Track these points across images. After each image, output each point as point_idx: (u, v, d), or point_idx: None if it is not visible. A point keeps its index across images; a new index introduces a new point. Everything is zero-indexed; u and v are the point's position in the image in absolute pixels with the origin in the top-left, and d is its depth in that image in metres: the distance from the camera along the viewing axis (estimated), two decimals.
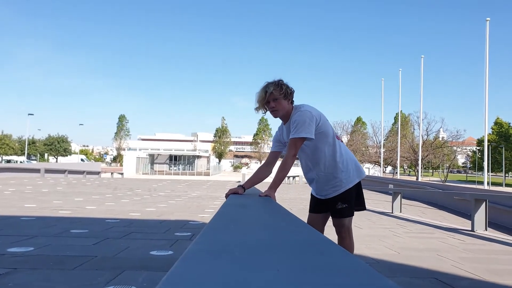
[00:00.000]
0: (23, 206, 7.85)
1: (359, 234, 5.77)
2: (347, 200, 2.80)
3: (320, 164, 2.77)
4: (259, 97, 2.67)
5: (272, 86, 2.63)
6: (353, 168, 2.84)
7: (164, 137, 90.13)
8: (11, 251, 3.76)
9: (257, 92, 2.69)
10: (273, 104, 2.65)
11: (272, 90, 2.62)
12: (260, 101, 2.67)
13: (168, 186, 17.20)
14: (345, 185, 2.78)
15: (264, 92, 2.63)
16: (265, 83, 2.69)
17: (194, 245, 0.86)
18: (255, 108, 2.73)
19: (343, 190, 2.78)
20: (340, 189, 2.78)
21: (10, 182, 15.95)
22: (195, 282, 0.60)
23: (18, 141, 78.10)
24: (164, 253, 3.88)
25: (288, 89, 2.68)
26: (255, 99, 2.70)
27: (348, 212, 2.82)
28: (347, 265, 0.76)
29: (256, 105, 2.71)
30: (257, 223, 1.53)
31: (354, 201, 2.86)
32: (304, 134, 2.59)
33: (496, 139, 67.59)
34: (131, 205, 8.71)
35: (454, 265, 3.82)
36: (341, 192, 2.78)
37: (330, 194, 2.82)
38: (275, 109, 2.67)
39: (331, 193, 2.82)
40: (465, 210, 11.25)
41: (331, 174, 2.77)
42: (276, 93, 2.62)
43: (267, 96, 2.63)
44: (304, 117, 2.62)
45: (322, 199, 2.90)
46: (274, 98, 2.63)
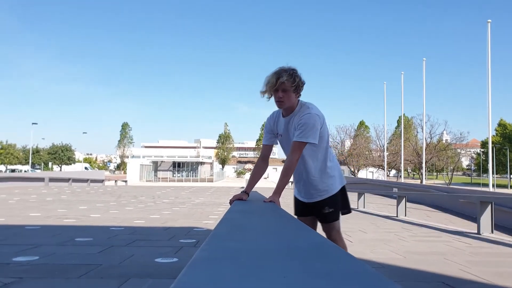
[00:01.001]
0: (27, 215, 7.87)
1: (364, 239, 5.74)
2: (333, 204, 2.81)
3: (313, 168, 2.73)
4: (269, 82, 2.51)
5: (285, 75, 2.47)
6: (339, 174, 2.87)
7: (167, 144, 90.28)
8: (17, 260, 3.76)
9: (267, 76, 2.54)
10: (281, 94, 2.51)
11: (284, 79, 2.47)
12: (269, 87, 2.52)
13: (172, 193, 17.20)
14: (332, 190, 2.80)
15: (276, 79, 2.47)
16: (278, 68, 2.53)
17: (200, 252, 0.86)
18: (261, 92, 2.58)
19: (330, 195, 2.79)
20: (327, 194, 2.78)
21: (15, 191, 16.00)
22: None
23: (22, 151, 78.46)
24: (169, 260, 3.87)
25: (300, 82, 2.55)
26: (264, 81, 2.55)
27: (336, 216, 2.84)
28: (354, 270, 0.76)
29: (263, 88, 2.56)
30: (263, 229, 1.52)
31: (340, 204, 2.87)
32: (311, 140, 2.55)
33: (500, 140, 67.29)
34: (135, 213, 8.71)
35: (461, 268, 3.79)
36: (327, 196, 2.79)
37: (316, 198, 2.81)
38: (282, 101, 2.53)
39: (317, 197, 2.80)
40: (471, 213, 11.18)
41: (321, 178, 2.76)
42: (287, 84, 2.48)
43: (277, 84, 2.48)
44: (314, 122, 2.55)
45: (307, 203, 2.87)
46: (284, 89, 2.49)
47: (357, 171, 57.04)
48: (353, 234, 6.17)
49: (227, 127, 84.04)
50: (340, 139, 59.80)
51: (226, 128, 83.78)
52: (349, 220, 8.29)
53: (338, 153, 60.04)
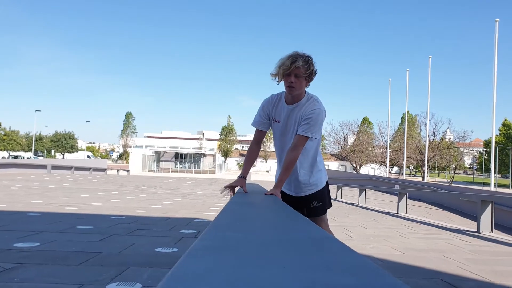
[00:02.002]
0: (29, 202, 7.91)
1: (364, 234, 5.75)
2: (321, 198, 2.83)
3: (305, 162, 2.71)
4: (282, 65, 2.41)
5: (301, 61, 2.39)
6: (324, 168, 2.90)
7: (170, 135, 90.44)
8: (18, 246, 3.79)
9: (282, 58, 2.44)
10: (293, 79, 2.41)
11: (300, 64, 2.38)
12: (282, 70, 2.41)
13: (173, 183, 17.25)
14: (320, 184, 2.82)
15: (291, 63, 2.38)
16: (294, 52, 2.45)
17: (199, 242, 0.86)
18: (272, 74, 2.50)
19: (318, 189, 2.81)
20: (316, 188, 2.80)
21: (17, 177, 16.07)
22: (200, 278, 0.60)
23: (25, 137, 78.66)
24: (169, 250, 3.89)
25: (314, 70, 2.48)
26: (277, 64, 2.45)
27: (323, 211, 2.86)
28: (353, 263, 0.76)
29: (275, 71, 2.47)
30: (263, 221, 1.52)
31: (326, 199, 2.89)
32: (316, 136, 2.55)
33: (504, 140, 67.06)
34: (137, 202, 8.74)
35: (460, 266, 3.79)
36: (316, 191, 2.80)
37: (305, 192, 2.80)
38: (293, 86, 2.44)
39: (306, 191, 2.79)
40: (471, 212, 11.17)
41: (311, 172, 2.76)
42: (302, 70, 2.40)
43: (291, 68, 2.38)
44: (321, 118, 2.54)
45: (295, 197, 2.84)
46: (297, 75, 2.41)
47: (359, 167, 56.98)
48: (353, 229, 6.18)
49: (231, 120, 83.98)
50: (343, 134, 59.71)
51: (229, 121, 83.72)
52: (350, 216, 8.30)
53: (341, 148, 59.99)
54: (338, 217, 7.82)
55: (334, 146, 62.02)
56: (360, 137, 57.69)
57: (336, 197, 13.55)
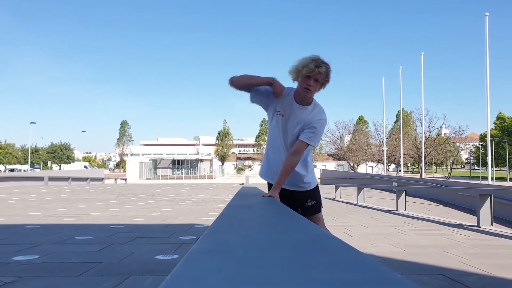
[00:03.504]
0: (27, 215, 7.86)
1: (364, 233, 5.74)
2: (315, 197, 2.91)
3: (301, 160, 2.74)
4: (306, 67, 2.43)
5: (324, 67, 2.44)
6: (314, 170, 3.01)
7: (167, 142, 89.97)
8: (17, 259, 3.76)
9: (304, 59, 2.47)
10: (312, 83, 2.46)
11: (323, 71, 2.43)
12: (306, 71, 2.43)
13: (171, 190, 17.20)
14: (314, 183, 2.92)
15: (314, 67, 2.41)
16: (316, 56, 2.48)
17: (198, 245, 0.85)
18: (290, 72, 2.53)
19: (311, 187, 2.89)
20: (309, 186, 2.88)
21: (14, 190, 15.98)
22: (200, 281, 0.59)
23: (21, 150, 78.40)
24: (170, 257, 3.87)
25: (329, 79, 2.53)
26: (298, 64, 2.47)
27: (318, 209, 2.93)
28: (354, 261, 0.75)
29: (294, 69, 2.50)
30: (262, 223, 1.52)
31: (319, 198, 2.96)
32: (316, 144, 2.66)
33: (499, 134, 67.38)
34: (135, 211, 8.70)
35: (461, 261, 3.79)
36: (309, 189, 2.88)
37: (299, 188, 2.85)
38: (310, 90, 2.48)
39: (301, 188, 2.85)
40: (470, 206, 11.20)
41: (305, 170, 2.82)
42: (323, 76, 2.46)
43: (314, 72, 2.42)
44: (324, 127, 2.65)
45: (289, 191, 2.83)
46: (316, 79, 2.46)
47: (357, 166, 57.10)
48: (353, 228, 6.18)
49: (226, 124, 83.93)
50: (339, 134, 59.84)
51: (225, 125, 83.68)
52: (349, 215, 8.30)
53: (337, 148, 60.11)
54: (337, 217, 7.82)
55: (331, 146, 62.18)
56: (356, 136, 57.85)
57: (335, 197, 13.55)
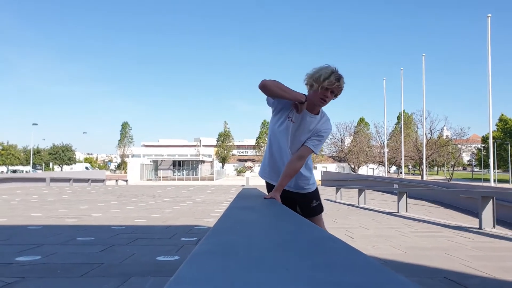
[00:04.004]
0: (29, 215, 7.87)
1: (365, 235, 5.73)
2: (318, 197, 2.97)
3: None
4: (327, 79, 2.42)
5: (343, 82, 2.48)
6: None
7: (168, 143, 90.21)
8: (19, 260, 3.76)
9: (324, 69, 2.46)
10: (329, 96, 2.48)
11: (342, 86, 2.49)
12: (327, 84, 2.43)
13: (172, 191, 17.21)
14: (315, 185, 2.98)
15: (335, 80, 2.43)
16: (336, 69, 2.47)
17: (200, 247, 0.85)
18: (309, 81, 2.51)
19: (315, 188, 2.96)
20: (313, 187, 2.93)
21: (16, 191, 16.01)
22: (202, 283, 0.59)
23: (23, 151, 78.55)
24: (171, 259, 3.87)
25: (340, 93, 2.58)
26: (318, 75, 2.44)
27: (321, 209, 2.99)
28: (358, 262, 0.75)
29: (316, 78, 2.45)
30: (263, 225, 1.52)
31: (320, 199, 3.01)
32: (318, 151, 2.70)
33: (501, 136, 67.29)
34: (136, 212, 8.71)
35: (463, 263, 3.78)
36: (314, 190, 2.94)
37: (304, 190, 2.88)
38: (326, 102, 2.51)
39: (305, 189, 2.88)
40: (472, 208, 11.17)
41: (307, 171, 2.85)
42: (340, 90, 2.51)
43: (334, 86, 2.44)
44: (327, 135, 2.72)
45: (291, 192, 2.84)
46: (333, 92, 2.49)
47: (358, 167, 57.05)
48: (354, 230, 6.17)
49: (227, 125, 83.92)
50: (340, 136, 59.82)
51: (225, 127, 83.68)
52: (350, 217, 8.29)
53: (338, 150, 60.07)
54: (338, 219, 7.81)
55: (332, 148, 62.12)
56: (357, 138, 57.81)
57: (336, 199, 13.54)
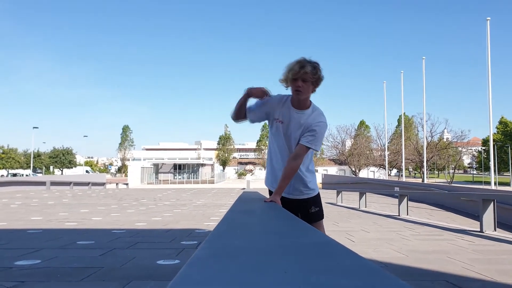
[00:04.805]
0: (29, 219, 7.86)
1: (366, 238, 5.72)
2: (318, 203, 2.84)
3: (303, 166, 2.70)
4: (291, 70, 2.47)
5: (309, 66, 2.46)
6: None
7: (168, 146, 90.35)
8: (18, 264, 3.76)
9: (290, 64, 2.50)
10: (300, 84, 2.47)
11: (308, 70, 2.44)
12: (292, 74, 2.47)
13: (173, 195, 17.19)
14: (316, 189, 2.85)
15: (299, 68, 2.45)
16: (301, 57, 2.51)
17: (200, 250, 0.85)
18: (281, 80, 2.56)
19: (315, 194, 2.82)
20: (313, 193, 2.81)
21: (16, 195, 16.00)
22: (203, 286, 0.59)
23: (24, 155, 78.58)
24: (171, 262, 3.86)
25: (321, 76, 2.53)
26: (285, 69, 2.51)
27: (321, 216, 2.86)
28: (356, 266, 0.75)
29: (283, 76, 2.53)
30: (264, 228, 1.51)
31: (321, 205, 2.89)
32: (318, 148, 2.60)
33: (502, 138, 67.25)
34: (137, 215, 8.70)
35: (464, 266, 3.77)
36: (314, 195, 2.81)
37: (303, 196, 2.79)
38: (300, 90, 2.49)
39: (305, 195, 2.79)
40: (473, 211, 11.15)
41: (309, 176, 2.77)
42: (309, 75, 2.45)
43: (300, 73, 2.45)
44: (324, 131, 2.61)
45: (290, 199, 2.79)
46: (305, 79, 2.46)
47: (358, 170, 57.01)
48: (355, 233, 6.16)
49: (228, 129, 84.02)
50: (340, 139, 59.83)
51: (226, 130, 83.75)
52: (351, 220, 8.28)
53: (339, 153, 60.05)
54: (339, 222, 7.80)
55: (332, 151, 62.13)
56: (358, 141, 57.77)
57: (337, 202, 13.52)
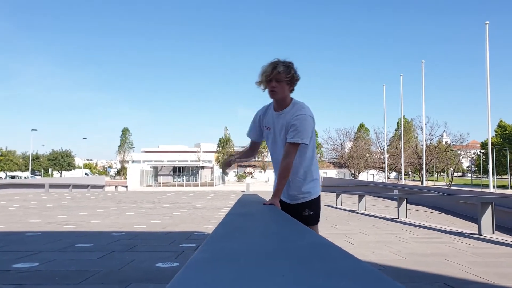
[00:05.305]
0: (28, 222, 7.85)
1: (365, 241, 5.72)
2: (314, 207, 2.79)
3: (300, 169, 2.69)
4: (264, 72, 2.54)
5: (282, 66, 2.51)
6: (319, 179, 2.86)
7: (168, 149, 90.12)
8: (17, 267, 3.75)
9: (264, 65, 2.56)
10: (274, 84, 2.52)
11: (280, 70, 2.49)
12: (264, 77, 2.53)
13: (172, 197, 17.17)
14: (314, 194, 2.78)
15: (272, 69, 2.50)
16: (275, 59, 2.57)
17: (198, 254, 0.85)
18: (257, 82, 2.61)
19: (312, 198, 2.77)
20: (309, 197, 2.76)
21: (15, 198, 15.97)
22: None
23: (22, 157, 78.51)
24: (170, 265, 3.86)
25: (295, 75, 2.57)
26: (260, 71, 2.57)
27: (315, 220, 2.81)
28: (354, 269, 0.75)
29: (258, 78, 2.59)
30: (262, 231, 1.51)
31: (319, 210, 2.83)
32: (305, 141, 2.55)
33: (500, 141, 67.32)
34: (136, 218, 8.69)
35: (463, 269, 3.77)
36: (309, 199, 2.76)
37: (298, 200, 2.77)
38: (275, 91, 2.55)
39: (299, 199, 2.76)
40: (472, 214, 11.15)
41: (305, 180, 2.73)
42: (283, 75, 2.50)
43: (273, 74, 2.50)
44: (308, 123, 2.56)
45: (289, 204, 2.80)
46: (278, 80, 2.51)
47: (358, 173, 57.00)
48: (354, 236, 6.16)
49: (227, 131, 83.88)
50: (340, 141, 59.85)
51: (226, 132, 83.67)
52: (350, 223, 8.28)
53: (338, 155, 60.04)
54: (338, 225, 7.79)
55: (332, 154, 62.11)
56: (357, 144, 57.79)
57: (336, 204, 13.52)
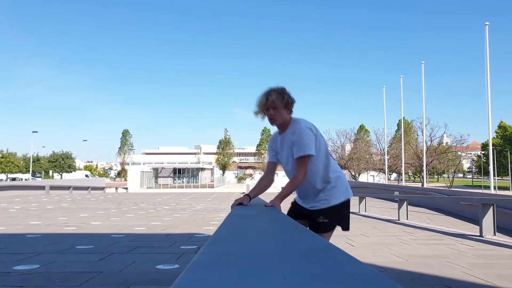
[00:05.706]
0: (28, 224, 7.85)
1: (366, 242, 5.71)
2: (329, 215, 2.76)
3: (312, 178, 2.71)
4: (260, 103, 2.67)
5: (274, 94, 2.62)
6: (342, 186, 2.82)
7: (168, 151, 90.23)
8: (17, 269, 3.75)
9: (258, 96, 2.69)
10: (272, 112, 2.65)
11: (274, 98, 2.61)
12: (261, 107, 2.67)
13: (172, 199, 17.17)
14: (332, 201, 2.76)
15: (266, 99, 2.63)
16: (268, 88, 2.69)
17: (199, 256, 0.85)
18: (255, 112, 2.73)
19: (329, 205, 2.75)
20: (326, 204, 2.75)
21: (15, 199, 15.97)
22: None
23: (23, 159, 78.50)
24: (170, 267, 3.85)
25: (289, 99, 2.67)
26: (256, 103, 2.70)
27: (327, 228, 2.78)
28: (355, 271, 0.75)
29: (256, 109, 2.71)
30: (263, 233, 1.51)
31: (337, 218, 2.81)
32: (310, 152, 2.60)
33: (501, 142, 67.29)
34: (136, 220, 8.68)
35: (464, 271, 3.77)
36: (326, 207, 2.75)
37: (316, 207, 2.78)
38: (273, 118, 2.67)
39: (318, 206, 2.77)
40: (473, 216, 11.14)
41: (322, 188, 2.74)
42: (277, 102, 2.62)
43: (268, 103, 2.63)
44: (305, 134, 2.61)
45: (307, 209, 2.83)
46: (274, 107, 2.63)
47: (358, 175, 56.95)
48: (355, 238, 6.15)
49: (227, 133, 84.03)
50: (340, 143, 59.80)
51: (226, 134, 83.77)
52: (351, 224, 8.26)
53: (338, 157, 60.01)
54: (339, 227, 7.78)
55: (332, 155, 61.98)
56: (358, 145, 57.73)
57: None
